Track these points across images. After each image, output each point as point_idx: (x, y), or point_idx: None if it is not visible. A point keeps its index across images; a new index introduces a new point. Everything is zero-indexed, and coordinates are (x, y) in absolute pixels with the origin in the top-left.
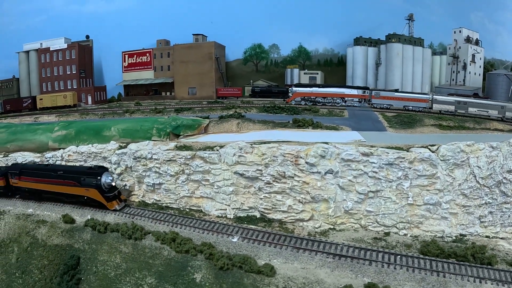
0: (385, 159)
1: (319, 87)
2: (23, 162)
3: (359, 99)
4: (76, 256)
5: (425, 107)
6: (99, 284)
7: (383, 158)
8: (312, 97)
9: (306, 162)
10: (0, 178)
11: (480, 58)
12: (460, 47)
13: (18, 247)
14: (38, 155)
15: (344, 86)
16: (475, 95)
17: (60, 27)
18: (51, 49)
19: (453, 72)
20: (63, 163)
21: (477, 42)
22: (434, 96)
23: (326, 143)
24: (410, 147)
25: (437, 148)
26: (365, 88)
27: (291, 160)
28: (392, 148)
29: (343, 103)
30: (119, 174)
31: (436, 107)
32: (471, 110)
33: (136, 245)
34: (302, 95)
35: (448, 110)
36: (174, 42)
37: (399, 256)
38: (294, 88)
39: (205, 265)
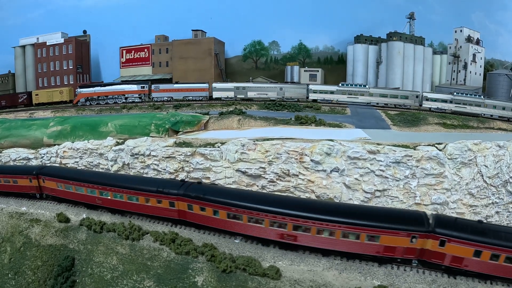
0: (392, 157)
1: (101, 86)
2: None
3: (139, 95)
4: (70, 257)
5: (205, 96)
6: (95, 287)
7: (390, 156)
8: (95, 96)
9: (311, 160)
10: None
11: (481, 58)
12: (461, 47)
13: (11, 247)
14: (33, 151)
15: (124, 82)
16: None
17: (58, 22)
18: (47, 43)
19: (454, 71)
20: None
21: (478, 42)
22: (213, 84)
23: (332, 140)
24: (417, 145)
25: (444, 147)
26: (144, 83)
27: (296, 157)
28: (398, 146)
29: (125, 100)
30: (116, 172)
31: (216, 94)
32: (250, 94)
33: (133, 246)
34: (85, 96)
35: (228, 96)
36: (173, 38)
37: None
38: (79, 89)
39: (207, 267)
